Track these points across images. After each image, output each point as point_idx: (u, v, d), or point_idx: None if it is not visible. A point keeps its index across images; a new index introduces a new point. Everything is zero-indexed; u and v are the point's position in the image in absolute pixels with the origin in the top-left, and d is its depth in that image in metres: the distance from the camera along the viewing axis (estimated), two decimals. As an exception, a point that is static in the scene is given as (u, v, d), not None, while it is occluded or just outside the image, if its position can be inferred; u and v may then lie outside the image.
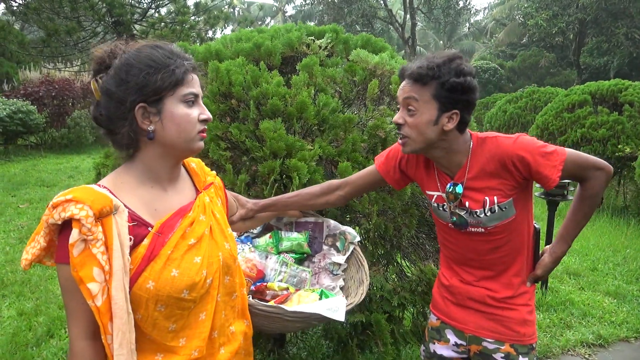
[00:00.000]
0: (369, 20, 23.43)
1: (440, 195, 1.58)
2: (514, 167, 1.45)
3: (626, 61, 21.80)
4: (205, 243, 1.19)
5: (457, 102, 1.42)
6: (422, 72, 1.40)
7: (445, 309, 1.70)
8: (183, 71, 1.14)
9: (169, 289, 1.09)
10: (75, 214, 1.01)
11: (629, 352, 3.47)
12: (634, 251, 5.59)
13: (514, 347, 1.58)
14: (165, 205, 1.19)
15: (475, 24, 39.80)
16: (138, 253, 1.09)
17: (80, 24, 9.65)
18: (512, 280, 1.59)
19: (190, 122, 1.16)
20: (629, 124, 7.24)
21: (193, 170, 1.34)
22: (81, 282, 1.00)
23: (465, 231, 1.57)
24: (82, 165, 10.81)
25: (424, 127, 1.43)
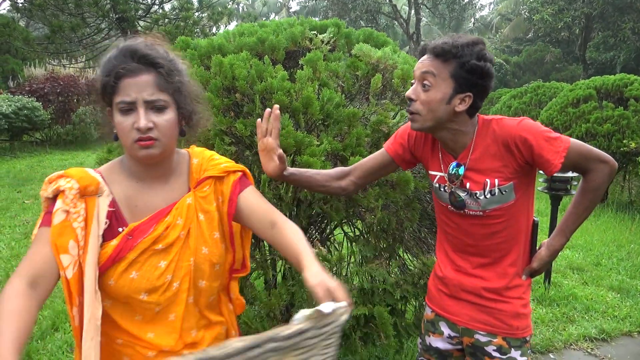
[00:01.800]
0: (373, 16, 23.37)
1: (442, 175, 1.58)
2: (516, 149, 1.44)
3: (633, 56, 21.64)
4: (176, 248, 1.19)
5: (473, 85, 1.43)
6: (447, 47, 1.41)
7: (439, 301, 1.70)
8: (113, 79, 1.11)
9: (127, 290, 1.14)
10: (62, 185, 1.10)
11: (632, 346, 3.48)
12: (638, 246, 5.59)
13: (507, 340, 1.59)
14: (146, 204, 1.21)
15: (481, 19, 39.61)
16: (105, 252, 1.12)
17: (85, 20, 9.68)
18: (507, 270, 1.58)
19: (122, 131, 1.13)
20: (634, 119, 7.20)
21: (192, 167, 1.30)
22: (56, 250, 1.06)
23: (463, 213, 1.56)
24: (87, 162, 10.86)
25: (436, 105, 1.44)
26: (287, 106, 1.99)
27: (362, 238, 2.26)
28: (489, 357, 1.59)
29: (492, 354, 1.59)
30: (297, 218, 2.01)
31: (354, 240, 2.32)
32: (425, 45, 1.49)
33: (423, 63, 1.46)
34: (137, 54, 1.13)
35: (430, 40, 1.50)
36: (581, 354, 3.35)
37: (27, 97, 11.32)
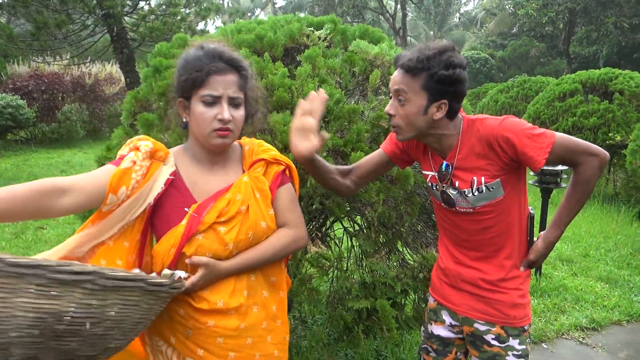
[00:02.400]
0: (359, 11, 23.38)
1: (434, 175, 1.65)
2: (499, 147, 1.48)
3: (615, 50, 21.95)
4: (236, 221, 1.35)
5: (445, 93, 1.47)
6: (412, 64, 1.45)
7: (441, 291, 1.76)
8: (204, 74, 1.29)
9: (193, 251, 1.30)
10: (138, 143, 1.30)
11: (621, 335, 3.56)
12: (624, 237, 5.70)
13: (505, 329, 1.63)
14: (205, 183, 1.37)
15: (466, 14, 39.84)
16: (177, 231, 1.30)
17: (70, 17, 9.53)
18: (503, 263, 1.63)
19: (204, 121, 1.31)
20: (619, 112, 7.34)
21: (245, 153, 1.47)
22: (110, 187, 1.22)
23: (455, 210, 1.62)
24: (73, 160, 10.75)
25: (414, 117, 1.49)
26: (288, 103, 2.00)
27: (362, 233, 2.28)
28: (488, 346, 1.65)
29: (490, 342, 1.64)
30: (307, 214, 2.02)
31: (353, 235, 2.35)
32: (396, 59, 1.53)
33: (394, 80, 1.51)
34: (224, 56, 1.33)
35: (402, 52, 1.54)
36: (573, 343, 3.42)
37: (11, 95, 11.15)
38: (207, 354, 1.34)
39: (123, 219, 1.27)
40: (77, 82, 13.83)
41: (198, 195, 1.35)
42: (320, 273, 1.95)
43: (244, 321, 1.37)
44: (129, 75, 10.89)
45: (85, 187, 1.21)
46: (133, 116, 2.40)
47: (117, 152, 1.33)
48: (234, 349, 1.36)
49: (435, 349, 1.78)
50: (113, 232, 1.28)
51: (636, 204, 6.95)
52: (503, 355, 1.63)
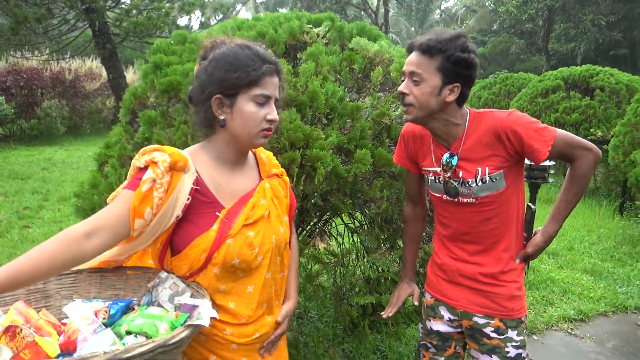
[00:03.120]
0: (342, 7, 23.36)
1: (435, 169, 1.68)
2: (507, 139, 1.54)
3: (592, 47, 22.36)
4: (261, 225, 1.35)
5: (459, 76, 1.53)
6: (431, 44, 1.50)
7: (438, 287, 1.79)
8: (259, 74, 1.28)
9: (223, 255, 1.28)
10: (155, 157, 1.21)
11: (607, 325, 3.67)
12: (607, 230, 5.85)
13: (503, 322, 1.67)
14: (229, 184, 1.36)
15: (446, 11, 40.14)
16: (209, 236, 1.28)
17: (50, 11, 9.32)
18: (501, 255, 1.67)
19: (255, 120, 1.29)
20: (600, 108, 7.51)
21: (261, 160, 1.49)
22: (134, 213, 1.18)
23: (457, 201, 1.65)
24: (55, 157, 10.57)
25: (427, 97, 1.53)
26: (293, 100, 2.00)
27: (364, 229, 2.31)
28: (487, 338, 1.69)
29: (490, 335, 1.68)
30: (306, 211, 2.04)
31: (354, 231, 2.37)
32: (411, 43, 1.58)
33: (411, 61, 1.56)
34: (271, 59, 1.32)
35: (416, 37, 1.60)
36: (562, 335, 3.51)
37: (-11, 91, 10.90)
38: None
39: (155, 234, 1.26)
40: (57, 77, 13.58)
41: (222, 198, 1.34)
42: (327, 269, 1.97)
43: (259, 331, 1.40)
44: (111, 70, 10.72)
45: (110, 223, 1.17)
46: (131, 113, 2.38)
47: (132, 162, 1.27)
48: (245, 355, 1.39)
49: (435, 345, 1.81)
50: (147, 244, 1.30)
51: (617, 197, 7.13)
52: (502, 347, 1.67)
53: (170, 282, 1.31)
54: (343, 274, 2.18)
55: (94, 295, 1.38)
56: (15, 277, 1.02)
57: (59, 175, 8.67)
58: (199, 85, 1.32)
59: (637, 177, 5.13)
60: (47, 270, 1.08)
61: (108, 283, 1.39)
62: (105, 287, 1.39)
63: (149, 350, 0.99)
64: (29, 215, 6.12)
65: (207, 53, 1.33)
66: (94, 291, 1.38)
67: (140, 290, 1.40)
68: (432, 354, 1.83)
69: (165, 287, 1.30)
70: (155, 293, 1.31)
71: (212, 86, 1.28)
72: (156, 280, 1.33)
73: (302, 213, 2.29)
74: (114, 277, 1.40)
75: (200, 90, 1.31)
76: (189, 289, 1.29)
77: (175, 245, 1.32)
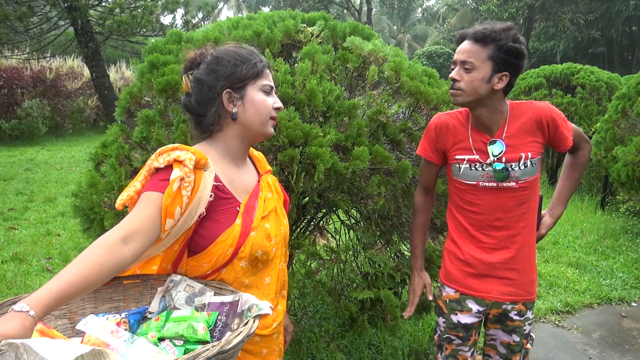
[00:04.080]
0: (325, 6, 23.38)
1: (473, 157, 1.74)
2: (547, 125, 1.70)
3: (571, 45, 22.78)
4: (272, 216, 1.41)
5: (509, 65, 1.62)
6: (486, 33, 1.60)
7: (463, 281, 1.84)
8: (262, 66, 1.36)
9: (249, 247, 1.31)
10: (181, 156, 1.21)
11: (593, 317, 3.77)
12: (589, 225, 5.98)
13: (524, 304, 1.82)
14: (240, 179, 1.39)
15: (428, 9, 40.43)
16: (235, 231, 1.29)
17: (32, 9, 9.16)
18: (527, 240, 1.78)
19: (266, 107, 1.36)
20: (581, 105, 7.66)
21: (256, 158, 1.54)
22: (166, 213, 1.17)
23: (498, 186, 1.72)
24: (37, 157, 10.40)
25: (478, 83, 1.62)
26: (292, 98, 2.03)
27: (361, 225, 2.34)
28: (511, 321, 1.83)
29: (513, 318, 1.82)
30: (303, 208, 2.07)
31: (351, 228, 2.41)
32: (464, 32, 1.68)
33: (464, 48, 1.65)
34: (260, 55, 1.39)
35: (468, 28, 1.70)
36: (550, 327, 3.60)
37: (-32, 91, 10.67)
38: (245, 354, 1.38)
39: (177, 234, 1.25)
40: (38, 77, 13.34)
41: (237, 194, 1.36)
42: (327, 265, 2.00)
43: (276, 320, 1.44)
44: (94, 70, 10.58)
45: (143, 226, 1.16)
46: (127, 112, 2.38)
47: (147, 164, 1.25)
48: (265, 346, 1.42)
49: (460, 337, 1.86)
50: (166, 247, 1.29)
51: (598, 193, 7.29)
52: (522, 326, 1.83)
53: (184, 284, 1.29)
54: (342, 270, 2.22)
55: (90, 311, 1.27)
56: (65, 290, 0.99)
57: (42, 176, 8.55)
58: (201, 86, 1.33)
59: (618, 172, 5.25)
60: (96, 279, 1.05)
61: (103, 297, 1.30)
62: (102, 301, 1.30)
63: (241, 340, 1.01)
64: (14, 216, 6.03)
65: (199, 60, 1.35)
66: (89, 307, 1.28)
67: (143, 300, 1.33)
68: (455, 345, 1.88)
69: (179, 290, 1.28)
70: (169, 298, 1.28)
71: (221, 81, 1.32)
72: (169, 284, 1.30)
73: (298, 210, 2.32)
74: (109, 289, 1.31)
75: (207, 90, 1.32)
76: (209, 288, 1.28)
77: (195, 244, 1.30)
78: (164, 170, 1.22)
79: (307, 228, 2.69)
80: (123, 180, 2.01)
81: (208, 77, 1.32)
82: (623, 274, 4.52)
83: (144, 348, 1.07)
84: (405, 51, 27.05)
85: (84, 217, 2.09)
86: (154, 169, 1.24)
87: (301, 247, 2.08)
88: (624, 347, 3.29)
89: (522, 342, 1.85)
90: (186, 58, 1.38)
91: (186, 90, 1.37)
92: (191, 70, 1.36)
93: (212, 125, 1.35)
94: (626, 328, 3.58)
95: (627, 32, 24.23)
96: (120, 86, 14.81)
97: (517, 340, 1.84)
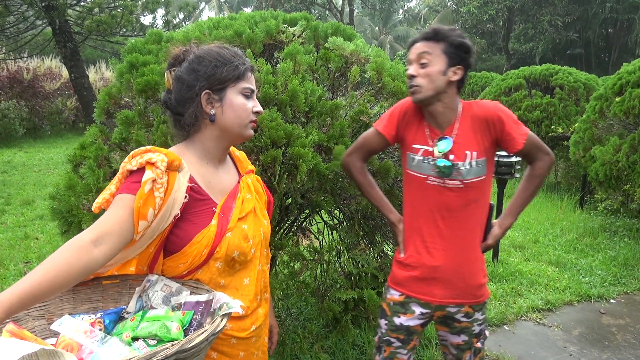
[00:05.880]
0: (307, 7, 23.38)
1: (427, 149, 1.75)
2: (492, 125, 1.70)
3: (550, 47, 23.15)
4: (251, 217, 1.40)
5: (462, 59, 1.69)
6: (437, 30, 1.69)
7: (408, 285, 1.82)
8: (244, 69, 1.35)
9: (225, 248, 1.31)
10: (152, 158, 1.21)
11: (573, 314, 3.82)
12: (569, 223, 6.08)
13: (472, 307, 1.82)
14: (217, 180, 1.38)
15: (409, 11, 40.71)
16: (210, 231, 1.29)
17: (8, 8, 8.96)
18: (472, 243, 1.78)
19: (245, 111, 1.34)
20: (560, 106, 7.78)
21: (237, 158, 1.53)
22: (138, 215, 1.17)
23: (444, 184, 1.72)
24: (14, 160, 10.20)
25: (435, 76, 1.67)
26: (274, 99, 2.02)
27: (344, 226, 2.34)
28: (458, 322, 1.83)
29: (460, 320, 1.82)
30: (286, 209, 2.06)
31: (334, 228, 2.40)
32: (414, 38, 1.75)
33: (418, 47, 1.70)
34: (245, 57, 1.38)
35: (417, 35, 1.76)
36: (531, 324, 3.64)
37: (-58, 92, 10.41)
38: (221, 356, 1.36)
39: (152, 236, 1.25)
40: (14, 77, 13.10)
41: (214, 195, 1.36)
42: (311, 265, 1.99)
43: (255, 323, 1.43)
44: (73, 70, 10.38)
45: (115, 228, 1.16)
46: (106, 113, 2.34)
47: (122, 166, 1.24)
48: (243, 349, 1.40)
49: (400, 339, 1.84)
50: (142, 249, 1.29)
51: (577, 192, 7.41)
52: (470, 327, 1.83)
53: (161, 284, 1.28)
54: (325, 271, 2.21)
55: (69, 312, 1.26)
56: (31, 292, 0.99)
57: (20, 178, 8.38)
58: (181, 84, 1.32)
59: (596, 171, 5.35)
60: (63, 281, 1.04)
61: (82, 297, 1.30)
62: (80, 301, 1.30)
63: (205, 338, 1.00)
64: (-10, 220, 5.90)
65: (182, 57, 1.34)
66: (67, 307, 1.28)
67: (122, 299, 1.33)
68: (394, 348, 1.86)
69: (156, 290, 1.27)
70: (146, 297, 1.28)
71: (200, 82, 1.31)
72: (145, 284, 1.30)
73: (281, 211, 2.30)
74: (87, 290, 1.31)
75: (186, 89, 1.31)
76: (186, 287, 1.27)
77: (171, 245, 1.30)
78: (137, 173, 1.22)
79: (290, 229, 2.68)
80: (101, 182, 1.98)
81: (189, 76, 1.31)
82: (602, 271, 4.59)
83: (116, 347, 1.07)
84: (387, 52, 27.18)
85: (62, 220, 2.05)
86: (128, 172, 1.24)
87: (284, 248, 2.06)
88: (604, 344, 3.35)
89: (472, 341, 1.86)
90: (170, 54, 1.38)
91: (168, 86, 1.36)
92: (174, 67, 1.35)
93: (189, 125, 1.34)
94: (605, 325, 3.63)
95: (604, 34, 24.73)
96: (99, 87, 14.60)
97: (466, 339, 1.85)
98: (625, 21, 21.97)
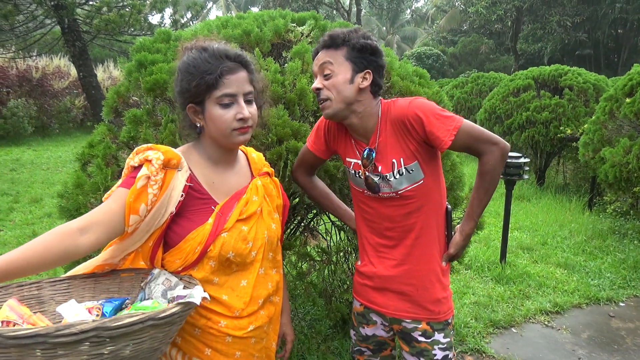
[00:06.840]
0: (314, 7, 23.38)
1: (357, 162, 1.64)
2: (411, 126, 1.52)
3: (558, 47, 23.02)
4: (254, 220, 1.39)
5: (369, 63, 1.54)
6: (334, 35, 1.53)
7: (365, 295, 1.76)
8: (216, 76, 1.27)
9: (219, 248, 1.31)
10: (149, 155, 1.24)
11: (582, 317, 3.79)
12: (577, 225, 6.02)
13: (430, 325, 1.67)
14: (223, 182, 1.39)
15: (417, 11, 40.62)
16: (205, 229, 1.30)
17: (18, 7, 9.03)
18: (424, 255, 1.65)
19: (224, 122, 1.30)
20: (569, 107, 7.72)
21: (252, 159, 1.53)
22: (129, 209, 1.21)
23: (379, 197, 1.62)
24: (23, 158, 10.27)
25: (342, 86, 1.51)
26: (282, 97, 2.01)
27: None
28: (416, 342, 1.68)
29: (418, 339, 1.68)
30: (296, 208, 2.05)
31: (342, 229, 2.39)
32: (315, 48, 1.60)
33: (318, 58, 1.56)
34: (231, 55, 1.31)
35: None
36: (539, 327, 3.61)
37: (-48, 90, 10.50)
38: (215, 353, 1.36)
39: (148, 231, 1.28)
40: (24, 76, 13.18)
41: (216, 195, 1.36)
42: (319, 266, 1.98)
43: (253, 324, 1.41)
44: (82, 69, 10.45)
45: (104, 219, 1.20)
46: (114, 112, 2.34)
47: (127, 162, 1.29)
48: (240, 349, 1.39)
49: (371, 349, 1.81)
50: (140, 243, 1.32)
51: (586, 193, 7.35)
52: (430, 350, 1.67)
53: (163, 277, 1.32)
54: (332, 271, 2.20)
55: (88, 299, 1.37)
56: (5, 267, 1.04)
57: (28, 176, 8.43)
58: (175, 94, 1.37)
59: (606, 173, 5.30)
60: (38, 262, 1.09)
61: (102, 287, 1.40)
62: (100, 291, 1.39)
63: (139, 320, 1.00)
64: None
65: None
66: (87, 295, 1.38)
67: (134, 291, 1.40)
68: (367, 356, 1.83)
69: (158, 284, 1.31)
70: (148, 290, 1.32)
71: (182, 97, 1.33)
72: (149, 277, 1.34)
73: (289, 210, 2.29)
74: (107, 281, 1.40)
75: (177, 99, 1.37)
76: (182, 282, 1.30)
77: (169, 240, 1.33)
78: (137, 169, 1.26)
79: (297, 229, 2.67)
80: (109, 180, 1.98)
81: (176, 88, 1.35)
82: (611, 274, 4.55)
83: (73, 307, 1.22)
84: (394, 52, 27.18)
85: (70, 218, 2.05)
86: (131, 167, 1.28)
87: (292, 248, 2.05)
88: (613, 347, 3.31)
89: None
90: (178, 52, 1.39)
91: None
92: None
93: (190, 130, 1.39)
94: (614, 328, 3.60)
95: (613, 34, 24.54)
96: (108, 86, 14.68)
97: None
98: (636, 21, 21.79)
